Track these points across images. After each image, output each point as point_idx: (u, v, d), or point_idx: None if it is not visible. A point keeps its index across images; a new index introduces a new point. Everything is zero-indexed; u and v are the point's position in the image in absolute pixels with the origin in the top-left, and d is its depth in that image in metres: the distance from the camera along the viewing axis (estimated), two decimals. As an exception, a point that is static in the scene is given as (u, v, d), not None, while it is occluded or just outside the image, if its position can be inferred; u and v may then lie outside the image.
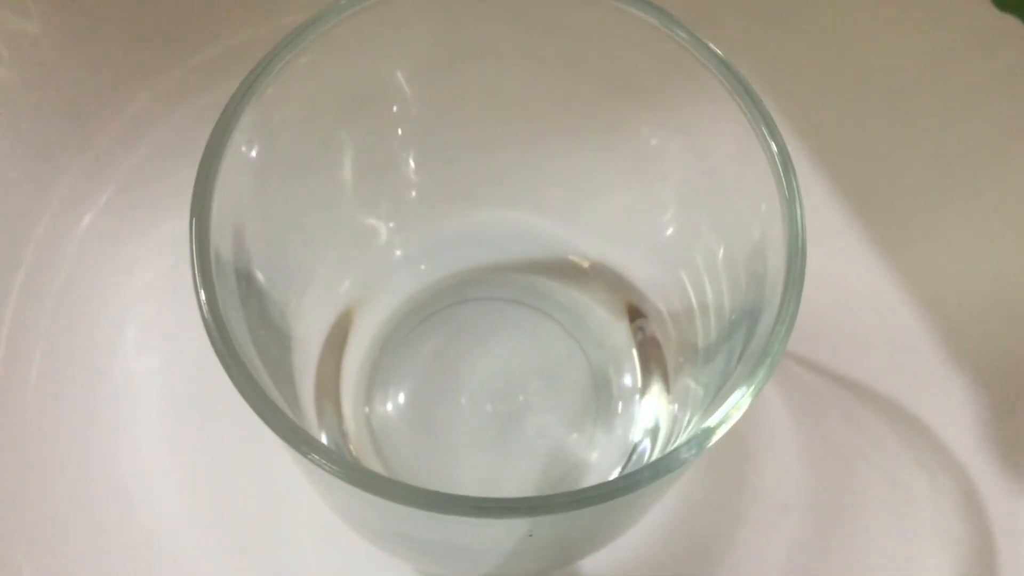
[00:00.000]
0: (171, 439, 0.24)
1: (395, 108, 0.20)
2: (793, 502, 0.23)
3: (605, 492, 0.14)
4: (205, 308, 0.15)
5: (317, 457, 0.14)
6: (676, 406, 0.22)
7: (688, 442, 0.15)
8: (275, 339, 0.19)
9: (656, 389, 0.23)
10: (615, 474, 0.22)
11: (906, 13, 0.28)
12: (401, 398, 0.23)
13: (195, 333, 0.24)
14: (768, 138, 0.17)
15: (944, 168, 0.27)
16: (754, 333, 0.17)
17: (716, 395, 0.17)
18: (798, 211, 0.16)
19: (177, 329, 0.25)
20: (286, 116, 0.18)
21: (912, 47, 0.28)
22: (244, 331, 0.16)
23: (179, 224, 0.25)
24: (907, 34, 0.28)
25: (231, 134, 0.16)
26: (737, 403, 0.15)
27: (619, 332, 0.24)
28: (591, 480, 0.22)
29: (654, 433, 0.22)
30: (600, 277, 0.24)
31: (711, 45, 0.17)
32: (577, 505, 0.14)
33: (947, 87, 0.27)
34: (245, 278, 0.17)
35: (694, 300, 0.21)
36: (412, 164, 0.22)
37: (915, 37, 0.28)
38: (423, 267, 0.24)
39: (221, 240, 0.16)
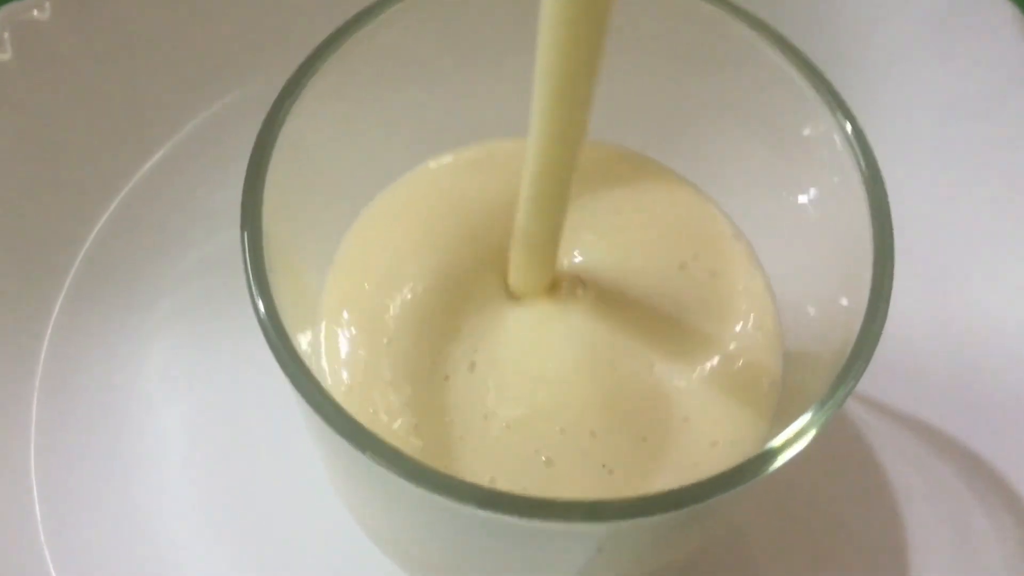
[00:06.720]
0: (194, 472, 0.25)
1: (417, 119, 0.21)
2: (855, 539, 0.23)
3: (668, 500, 0.14)
4: (264, 317, 0.15)
5: (382, 459, 0.15)
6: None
7: (753, 459, 0.15)
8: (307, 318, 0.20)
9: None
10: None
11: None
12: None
13: (217, 353, 0.25)
14: (871, 180, 0.17)
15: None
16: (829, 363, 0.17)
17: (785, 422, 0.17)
18: (888, 253, 0.17)
19: (200, 354, 0.26)
20: (319, 128, 0.19)
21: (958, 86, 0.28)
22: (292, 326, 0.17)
23: (204, 249, 0.26)
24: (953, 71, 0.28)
25: (272, 149, 0.17)
26: (802, 427, 0.15)
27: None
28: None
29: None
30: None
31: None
32: (640, 512, 0.14)
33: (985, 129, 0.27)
34: (285, 262, 0.18)
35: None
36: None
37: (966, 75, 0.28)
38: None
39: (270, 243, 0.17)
